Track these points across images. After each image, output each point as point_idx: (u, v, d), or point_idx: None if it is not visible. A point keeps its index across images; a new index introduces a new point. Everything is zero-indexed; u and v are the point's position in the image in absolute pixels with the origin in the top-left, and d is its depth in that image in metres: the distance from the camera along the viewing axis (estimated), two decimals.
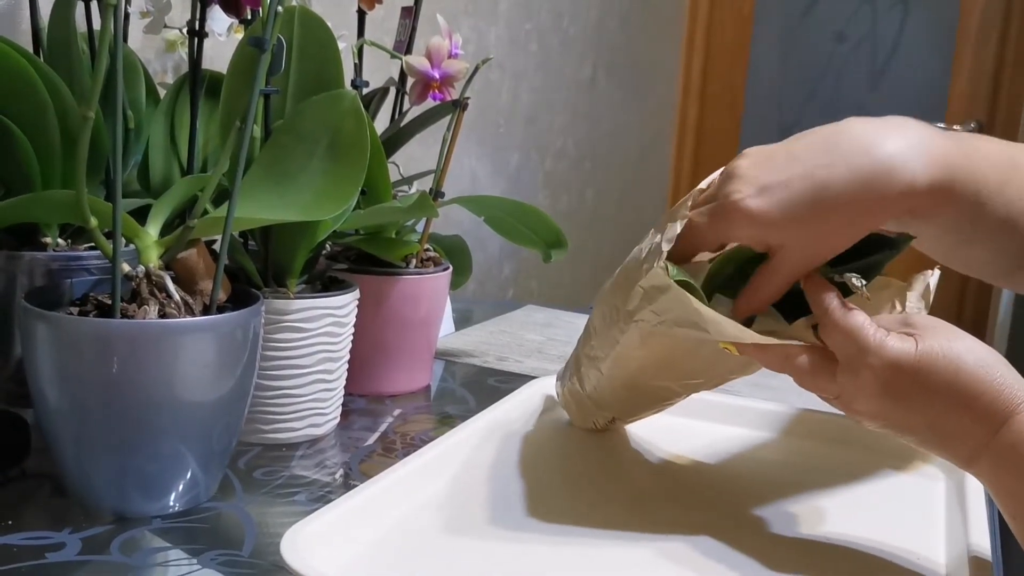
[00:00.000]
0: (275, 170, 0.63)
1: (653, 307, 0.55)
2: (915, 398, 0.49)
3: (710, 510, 0.61)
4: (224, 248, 0.58)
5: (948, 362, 0.49)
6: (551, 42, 1.83)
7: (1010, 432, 0.48)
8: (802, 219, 0.51)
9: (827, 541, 0.57)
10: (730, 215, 0.52)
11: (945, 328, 0.51)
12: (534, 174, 1.83)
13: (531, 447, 0.70)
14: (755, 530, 0.58)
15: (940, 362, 0.49)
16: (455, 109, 0.83)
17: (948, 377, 0.49)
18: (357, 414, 0.79)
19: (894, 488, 0.65)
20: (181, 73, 0.84)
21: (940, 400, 0.49)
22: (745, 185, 0.51)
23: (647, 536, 0.57)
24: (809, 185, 0.50)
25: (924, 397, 0.49)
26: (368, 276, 0.81)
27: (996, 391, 0.48)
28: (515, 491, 0.62)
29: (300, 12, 0.67)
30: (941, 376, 0.49)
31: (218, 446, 0.60)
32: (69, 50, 0.69)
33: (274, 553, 0.52)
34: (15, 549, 0.52)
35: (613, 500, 0.62)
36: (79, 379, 0.54)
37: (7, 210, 0.60)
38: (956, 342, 0.50)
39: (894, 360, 0.49)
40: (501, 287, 1.76)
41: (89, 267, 0.68)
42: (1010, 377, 0.49)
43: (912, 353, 0.49)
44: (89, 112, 0.51)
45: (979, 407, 0.48)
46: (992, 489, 0.50)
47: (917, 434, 0.51)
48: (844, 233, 0.52)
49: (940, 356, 0.49)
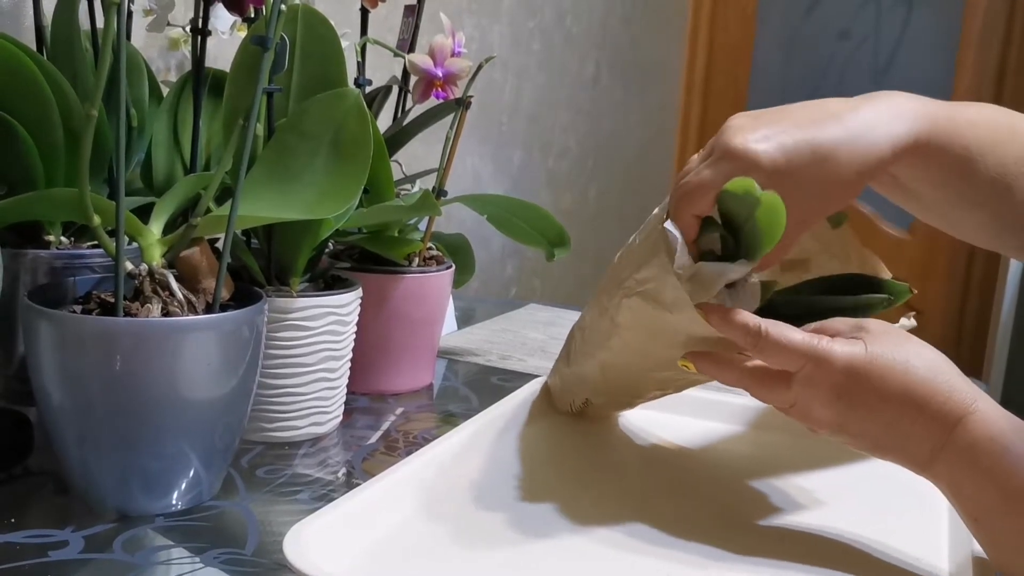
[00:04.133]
0: (278, 168, 0.63)
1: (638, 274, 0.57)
2: (870, 401, 0.50)
3: (712, 509, 0.61)
4: (227, 246, 0.58)
5: (898, 365, 0.50)
6: (554, 40, 1.83)
7: (964, 433, 0.48)
8: (802, 162, 0.52)
9: (829, 539, 0.57)
10: (737, 157, 0.52)
11: (895, 332, 0.52)
12: (537, 172, 1.82)
13: (533, 445, 0.70)
14: (757, 530, 0.58)
15: (890, 365, 0.50)
16: (458, 107, 0.83)
17: (899, 380, 0.49)
18: (360, 413, 0.79)
19: (897, 487, 0.65)
20: (184, 71, 0.84)
21: (894, 402, 0.50)
22: (747, 133, 0.52)
23: (649, 533, 0.57)
24: (804, 134, 0.52)
25: (878, 400, 0.50)
26: (371, 274, 0.81)
27: (946, 393, 0.49)
28: (517, 489, 0.62)
29: (303, 10, 0.67)
30: (893, 379, 0.50)
31: (221, 444, 0.60)
32: (72, 48, 0.69)
33: (277, 552, 0.52)
34: (18, 547, 0.52)
35: (615, 498, 0.62)
36: (82, 377, 0.54)
37: (10, 208, 0.60)
38: (905, 346, 0.51)
39: (846, 363, 0.50)
40: (504, 286, 1.76)
41: (92, 265, 0.68)
42: (958, 380, 0.50)
43: (863, 356, 0.50)
44: (93, 110, 0.51)
45: (931, 409, 0.49)
46: (950, 492, 0.50)
47: (875, 439, 0.51)
48: (840, 182, 0.53)
49: (890, 359, 0.50)
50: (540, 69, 1.79)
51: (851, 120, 0.53)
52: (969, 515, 0.50)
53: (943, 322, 2.41)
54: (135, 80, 0.77)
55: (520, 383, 0.78)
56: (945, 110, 0.56)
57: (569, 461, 0.69)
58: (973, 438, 0.48)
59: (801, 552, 0.56)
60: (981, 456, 0.48)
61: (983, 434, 0.48)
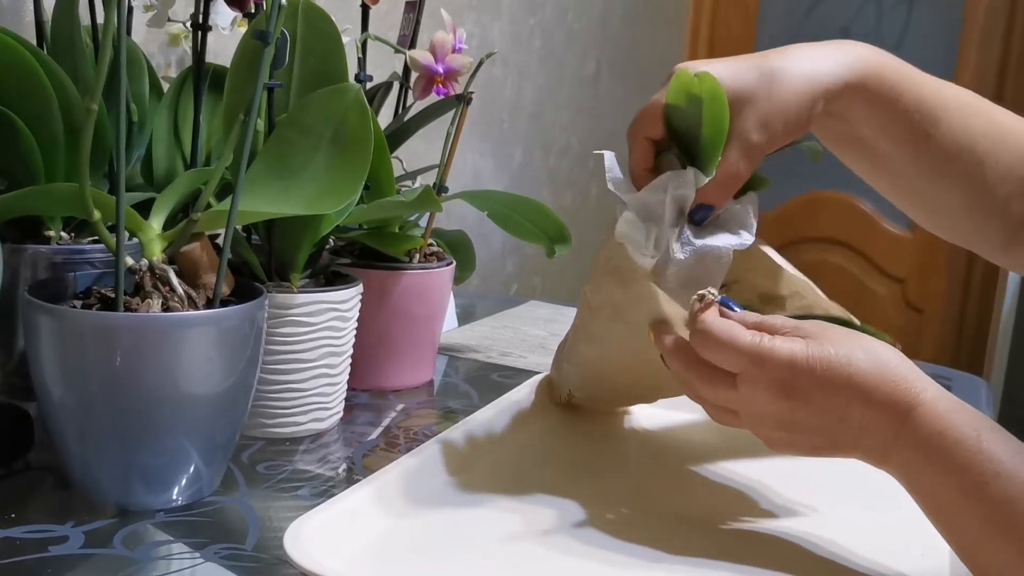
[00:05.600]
0: (279, 164, 0.63)
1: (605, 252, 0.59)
2: (816, 396, 0.50)
3: (714, 505, 0.61)
4: (227, 242, 0.58)
5: (841, 357, 0.50)
6: (555, 37, 1.83)
7: (916, 428, 0.48)
8: (748, 77, 0.55)
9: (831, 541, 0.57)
10: (689, 68, 0.54)
11: (835, 329, 0.52)
12: (537, 170, 1.82)
13: (534, 442, 0.70)
14: (758, 534, 0.58)
15: (833, 360, 0.50)
16: (459, 104, 0.83)
17: (843, 371, 0.49)
18: (360, 409, 0.79)
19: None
20: (185, 67, 0.84)
21: (842, 395, 0.49)
22: (695, 63, 0.56)
23: (650, 530, 0.57)
24: (748, 58, 0.56)
25: (825, 394, 0.50)
26: (371, 271, 0.80)
27: (892, 382, 0.49)
28: (518, 486, 0.62)
29: (304, 6, 0.67)
30: (837, 373, 0.49)
31: (221, 440, 0.60)
32: (73, 43, 0.69)
33: (277, 547, 0.52)
34: (18, 542, 0.52)
35: (617, 495, 0.62)
36: (82, 372, 0.54)
37: (11, 203, 0.60)
38: (846, 341, 0.51)
39: (788, 359, 0.50)
40: (504, 282, 1.76)
41: (92, 260, 0.68)
42: (904, 368, 0.50)
43: (803, 351, 0.50)
44: (93, 104, 0.51)
45: (879, 397, 0.49)
46: (908, 487, 0.50)
47: (830, 436, 0.51)
48: (789, 96, 0.55)
49: (832, 354, 0.50)
50: (541, 66, 1.79)
51: (797, 50, 0.56)
52: (928, 509, 0.49)
53: (943, 321, 2.41)
54: (135, 75, 0.77)
55: (520, 380, 0.78)
56: (900, 63, 0.58)
57: (570, 458, 0.69)
58: (925, 433, 0.48)
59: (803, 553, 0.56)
60: (935, 452, 0.47)
61: (934, 428, 0.47)
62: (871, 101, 0.57)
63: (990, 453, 0.46)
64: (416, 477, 0.59)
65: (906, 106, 0.58)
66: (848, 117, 0.58)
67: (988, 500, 0.45)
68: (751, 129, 0.54)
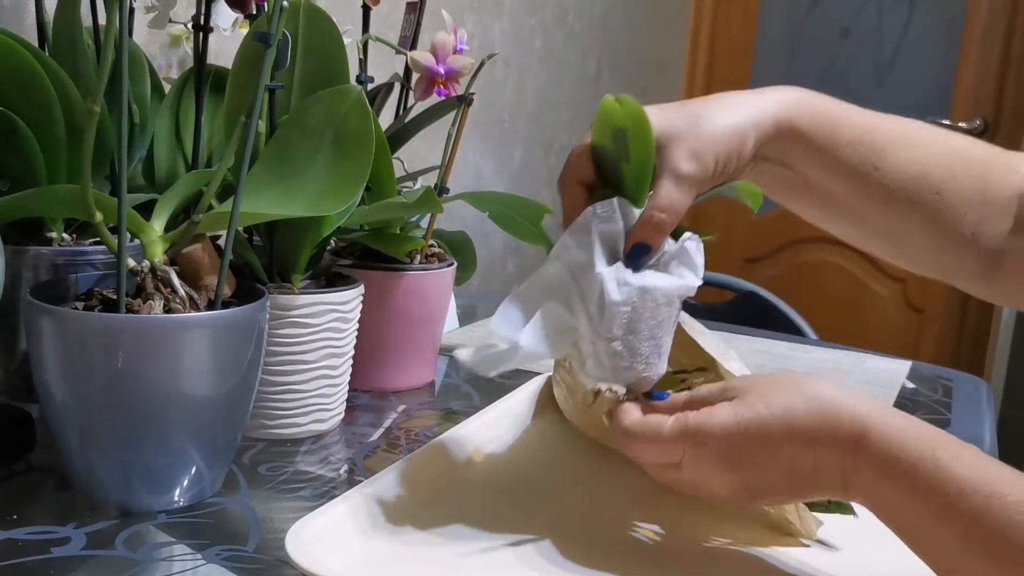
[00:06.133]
0: (280, 165, 0.63)
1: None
2: (760, 456, 0.49)
3: (713, 510, 0.61)
4: (229, 243, 0.58)
5: (774, 411, 0.48)
6: (555, 38, 1.83)
7: (868, 455, 0.46)
8: (674, 115, 0.54)
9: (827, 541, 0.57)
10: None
11: (764, 381, 0.51)
12: (538, 170, 1.82)
13: (535, 443, 0.70)
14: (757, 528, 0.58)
15: (766, 415, 0.48)
16: (460, 105, 0.83)
17: (780, 425, 0.48)
18: (361, 410, 0.79)
19: None
20: (186, 68, 0.84)
21: (784, 448, 0.48)
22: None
23: (651, 531, 0.57)
24: (674, 105, 0.56)
25: (769, 450, 0.48)
26: (372, 272, 0.81)
27: (834, 418, 0.47)
28: (520, 487, 0.62)
29: (305, 7, 0.67)
30: (773, 428, 0.48)
31: (223, 441, 0.60)
32: (74, 45, 0.69)
33: (279, 548, 0.52)
34: (20, 544, 0.52)
35: (618, 495, 0.62)
36: (84, 374, 0.54)
37: (12, 205, 0.60)
38: (775, 391, 0.49)
39: (721, 431, 0.49)
40: (505, 283, 1.76)
41: (94, 262, 0.68)
42: (841, 397, 0.48)
43: (733, 418, 0.49)
44: (95, 106, 0.51)
45: (824, 439, 0.47)
46: (877, 514, 0.48)
47: (788, 488, 0.50)
48: (715, 132, 0.54)
49: (764, 410, 0.49)
50: (541, 67, 1.79)
51: (722, 96, 0.56)
52: (898, 530, 0.47)
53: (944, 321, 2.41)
54: (137, 77, 0.77)
55: (522, 380, 0.78)
56: (834, 101, 0.58)
57: (573, 458, 0.69)
58: (880, 460, 0.46)
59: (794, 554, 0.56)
60: (894, 478, 0.46)
61: (888, 455, 0.46)
62: (808, 140, 0.56)
63: (949, 470, 0.44)
64: (417, 478, 0.60)
65: (846, 139, 0.57)
66: (788, 161, 0.57)
67: (958, 519, 0.44)
68: (680, 159, 0.53)
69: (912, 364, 1.06)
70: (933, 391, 0.97)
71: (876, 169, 0.57)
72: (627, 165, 0.53)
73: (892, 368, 1.04)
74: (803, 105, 0.56)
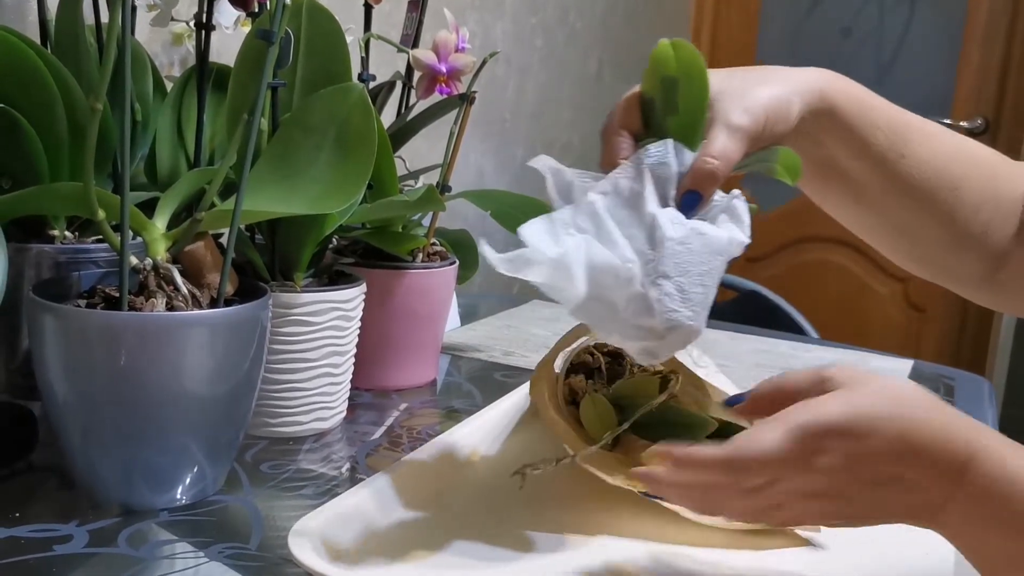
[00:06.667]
0: (282, 163, 0.63)
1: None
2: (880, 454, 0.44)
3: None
4: (231, 241, 0.58)
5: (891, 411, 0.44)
6: (557, 37, 1.83)
7: (976, 478, 0.43)
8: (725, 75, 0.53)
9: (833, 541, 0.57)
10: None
11: (863, 376, 0.47)
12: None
13: (537, 441, 0.70)
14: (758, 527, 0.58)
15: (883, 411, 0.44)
16: (462, 103, 0.83)
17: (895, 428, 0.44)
18: (363, 408, 0.79)
19: None
20: (188, 66, 0.84)
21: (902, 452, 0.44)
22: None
23: (652, 531, 0.57)
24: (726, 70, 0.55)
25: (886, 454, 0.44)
26: (375, 270, 0.81)
27: (944, 434, 0.44)
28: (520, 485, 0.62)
29: (307, 5, 0.67)
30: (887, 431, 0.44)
31: (225, 439, 0.60)
32: (77, 43, 0.69)
33: (281, 546, 0.52)
34: (23, 541, 0.52)
35: (619, 495, 0.62)
36: (86, 372, 0.54)
37: (15, 202, 0.60)
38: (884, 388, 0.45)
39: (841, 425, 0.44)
40: (507, 282, 1.76)
41: (97, 260, 0.68)
42: (953, 416, 0.45)
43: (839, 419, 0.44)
44: (97, 104, 0.51)
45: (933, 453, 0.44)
46: (962, 545, 0.46)
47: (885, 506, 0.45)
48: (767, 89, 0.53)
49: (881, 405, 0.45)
50: (543, 66, 1.79)
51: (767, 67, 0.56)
52: (987, 568, 0.45)
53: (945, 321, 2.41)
54: (139, 75, 0.77)
55: (523, 379, 0.78)
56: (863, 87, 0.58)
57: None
58: (986, 483, 0.43)
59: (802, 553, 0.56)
60: (1004, 502, 0.43)
61: (1000, 477, 0.43)
62: (843, 118, 0.56)
63: None
64: (419, 476, 0.60)
65: (878, 123, 0.57)
66: (822, 138, 0.57)
67: None
68: (734, 111, 0.51)
69: (914, 363, 1.06)
70: (935, 390, 0.97)
71: (903, 157, 0.57)
72: (674, 117, 0.51)
73: (894, 367, 1.04)
74: (840, 83, 0.57)
